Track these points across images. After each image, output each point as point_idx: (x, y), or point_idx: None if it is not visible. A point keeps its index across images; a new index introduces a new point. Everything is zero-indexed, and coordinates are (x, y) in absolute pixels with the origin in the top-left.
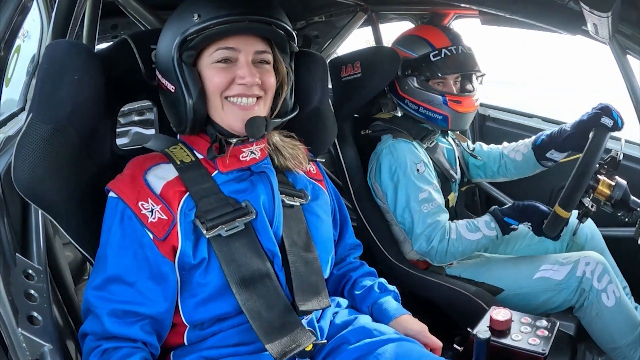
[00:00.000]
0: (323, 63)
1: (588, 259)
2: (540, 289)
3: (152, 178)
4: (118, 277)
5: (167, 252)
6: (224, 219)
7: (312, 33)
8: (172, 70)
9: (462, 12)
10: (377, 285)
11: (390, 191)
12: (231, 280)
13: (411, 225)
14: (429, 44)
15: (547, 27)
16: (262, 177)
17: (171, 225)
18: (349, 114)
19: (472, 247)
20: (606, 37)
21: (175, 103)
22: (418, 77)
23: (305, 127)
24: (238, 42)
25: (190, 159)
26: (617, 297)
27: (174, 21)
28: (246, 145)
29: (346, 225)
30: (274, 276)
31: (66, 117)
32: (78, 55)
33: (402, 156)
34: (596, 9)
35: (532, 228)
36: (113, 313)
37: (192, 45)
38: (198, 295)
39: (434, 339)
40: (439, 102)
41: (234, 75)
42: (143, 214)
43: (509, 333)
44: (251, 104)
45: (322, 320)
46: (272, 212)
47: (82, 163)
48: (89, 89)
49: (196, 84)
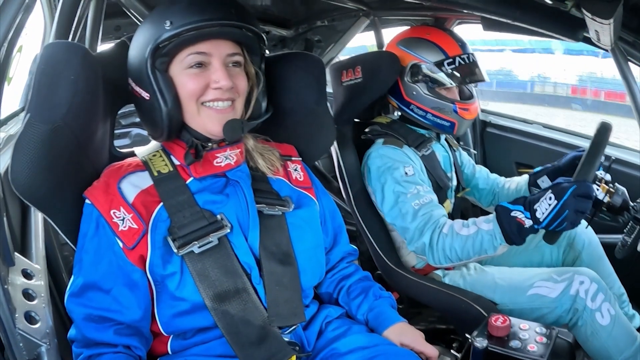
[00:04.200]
0: (320, 65)
1: (582, 277)
2: (534, 306)
3: (126, 186)
4: (94, 284)
5: (136, 260)
6: (198, 234)
7: (314, 37)
8: (145, 77)
9: (464, 17)
10: (371, 292)
11: (378, 192)
12: (205, 296)
13: (402, 223)
14: (442, 51)
15: (549, 33)
16: (237, 187)
17: (141, 234)
18: (349, 119)
19: (469, 244)
20: (608, 44)
21: (150, 110)
22: (428, 84)
23: (302, 129)
24: (210, 47)
25: (168, 168)
26: (612, 315)
27: (146, 29)
28: (220, 150)
29: (341, 233)
30: (251, 290)
31: (62, 118)
32: (75, 56)
33: (390, 159)
34: (598, 16)
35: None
36: (89, 318)
37: (165, 52)
38: (175, 308)
39: (430, 347)
40: (450, 109)
41: (208, 80)
42: (114, 222)
43: (508, 340)
44: (227, 107)
45: (310, 330)
46: (248, 224)
47: (79, 164)
48: (86, 90)
49: (170, 91)
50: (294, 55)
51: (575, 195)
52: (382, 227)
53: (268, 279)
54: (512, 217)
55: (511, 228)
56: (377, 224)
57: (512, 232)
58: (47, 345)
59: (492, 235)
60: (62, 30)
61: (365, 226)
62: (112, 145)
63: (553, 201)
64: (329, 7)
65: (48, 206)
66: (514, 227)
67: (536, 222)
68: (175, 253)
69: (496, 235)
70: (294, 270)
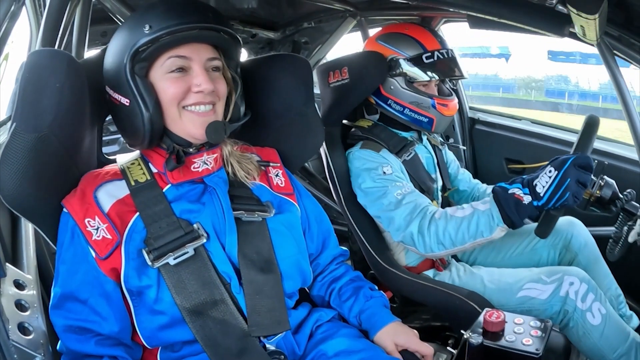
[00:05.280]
0: (307, 66)
1: (572, 278)
2: (523, 308)
3: (102, 195)
4: (71, 295)
5: (108, 271)
6: (173, 245)
7: (301, 39)
8: (125, 83)
9: (450, 16)
10: (362, 293)
11: (359, 190)
12: (182, 308)
13: (387, 214)
14: (420, 45)
15: (535, 29)
16: (213, 194)
17: (114, 245)
18: (337, 120)
19: (464, 226)
20: (594, 39)
21: (130, 117)
22: (405, 78)
23: (291, 131)
24: (190, 51)
25: (145, 177)
26: (603, 315)
27: (123, 34)
28: (197, 155)
29: (329, 236)
30: (229, 301)
31: (48, 126)
32: (60, 64)
33: (367, 160)
34: (583, 11)
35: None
36: (70, 329)
37: (144, 57)
38: (155, 322)
39: (425, 346)
40: (428, 104)
41: (189, 84)
42: (88, 230)
43: (503, 334)
44: (208, 111)
45: (301, 333)
46: (224, 232)
47: (67, 172)
48: (71, 98)
49: (151, 96)
50: (281, 57)
51: (576, 165)
52: (373, 226)
53: (248, 288)
54: (509, 194)
55: (509, 205)
56: (369, 223)
57: (510, 209)
58: (42, 356)
59: (489, 216)
60: (48, 37)
61: (356, 226)
62: (100, 152)
63: (553, 173)
64: (316, 8)
65: (36, 215)
66: (512, 204)
67: (536, 197)
68: (150, 266)
69: (493, 215)
70: (276, 277)
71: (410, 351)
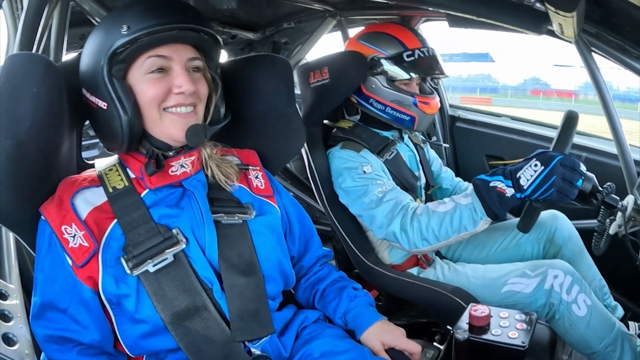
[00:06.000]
0: (287, 66)
1: (556, 272)
2: (508, 303)
3: (79, 202)
4: (51, 304)
5: (85, 279)
6: (152, 252)
7: (281, 40)
8: (102, 86)
9: (429, 15)
10: (345, 294)
11: (340, 191)
12: (164, 316)
13: (369, 212)
14: (401, 44)
15: (514, 28)
16: (192, 198)
17: (91, 253)
18: (319, 120)
19: (447, 221)
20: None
21: (109, 120)
22: (387, 76)
23: (272, 132)
24: (170, 51)
25: (123, 184)
26: (588, 306)
27: (100, 35)
28: (175, 158)
29: (312, 237)
30: (211, 307)
31: (26, 132)
32: (37, 68)
33: (347, 160)
34: (561, 9)
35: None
36: (51, 339)
37: (122, 58)
38: (137, 331)
39: (412, 343)
40: (409, 102)
41: (170, 84)
42: (65, 238)
43: (489, 329)
44: (189, 112)
45: (287, 335)
46: (204, 236)
47: (46, 179)
48: (48, 102)
49: (130, 98)
50: (261, 57)
51: (562, 164)
52: (356, 226)
53: (229, 292)
54: (491, 187)
55: (491, 198)
56: (351, 223)
57: (493, 202)
58: None
59: (471, 209)
60: (25, 40)
61: (339, 226)
62: (79, 157)
63: (540, 167)
64: (296, 9)
65: (15, 223)
66: (495, 196)
67: (519, 190)
68: (129, 274)
69: (476, 208)
70: (258, 280)
71: (397, 349)
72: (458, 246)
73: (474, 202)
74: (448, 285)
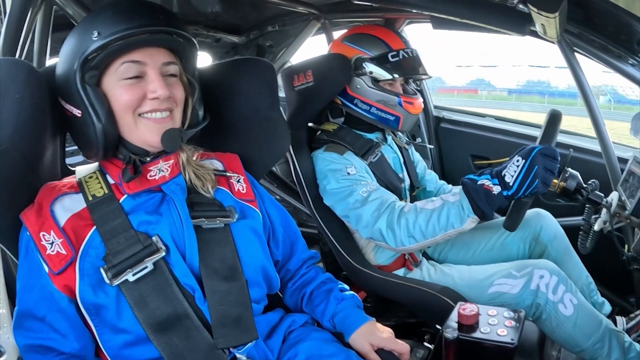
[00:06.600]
0: (271, 69)
1: (542, 272)
2: (495, 303)
3: (58, 209)
4: (29, 312)
5: (62, 287)
6: (132, 261)
7: (265, 43)
8: (75, 93)
9: (413, 17)
10: (332, 296)
11: (325, 193)
12: (146, 326)
13: (354, 212)
14: (386, 45)
15: (497, 29)
16: (171, 204)
17: (69, 261)
18: (303, 123)
19: (434, 218)
20: (554, 37)
21: (83, 128)
22: (371, 77)
23: (256, 135)
24: (144, 56)
25: (103, 191)
26: (575, 305)
27: (72, 42)
28: (153, 163)
29: (297, 241)
30: (193, 315)
31: (8, 139)
32: (19, 73)
33: (331, 162)
34: (544, 10)
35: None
36: (31, 349)
37: (94, 65)
38: (118, 340)
39: (401, 344)
40: (394, 102)
41: (144, 90)
42: (42, 244)
43: (478, 327)
44: (165, 117)
45: (273, 339)
46: (184, 242)
47: (29, 185)
48: (31, 108)
49: (103, 105)
50: (244, 61)
51: (542, 154)
52: (342, 227)
53: (211, 298)
54: (479, 185)
55: (479, 196)
56: (338, 224)
57: (480, 200)
58: None
59: (459, 207)
60: (8, 46)
61: (326, 228)
62: (64, 164)
63: (521, 162)
64: (280, 12)
65: None
66: (482, 194)
67: (505, 187)
68: (108, 284)
69: (463, 206)
70: (241, 284)
71: (386, 350)
72: (444, 246)
73: (462, 199)
74: (436, 285)
